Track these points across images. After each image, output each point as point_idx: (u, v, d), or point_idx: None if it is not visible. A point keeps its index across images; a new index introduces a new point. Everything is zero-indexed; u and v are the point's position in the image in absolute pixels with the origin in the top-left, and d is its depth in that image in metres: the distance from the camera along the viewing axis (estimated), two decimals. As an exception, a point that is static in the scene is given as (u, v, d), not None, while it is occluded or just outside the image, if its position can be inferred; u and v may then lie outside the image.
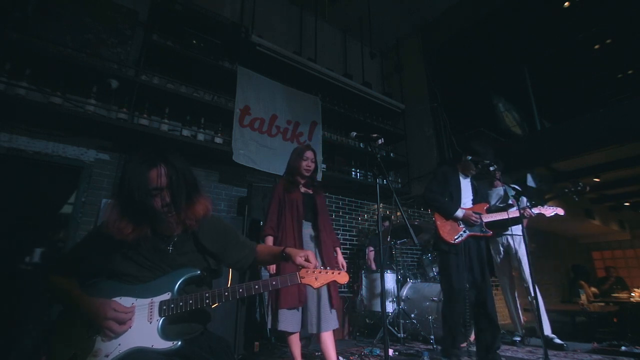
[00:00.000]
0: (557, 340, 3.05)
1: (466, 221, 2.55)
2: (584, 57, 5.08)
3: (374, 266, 4.03)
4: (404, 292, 3.78)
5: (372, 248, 4.16)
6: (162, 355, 1.03)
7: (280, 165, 3.56)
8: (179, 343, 1.06)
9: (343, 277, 1.26)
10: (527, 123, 5.41)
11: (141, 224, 1.10)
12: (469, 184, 2.78)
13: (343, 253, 4.61)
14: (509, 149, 4.36)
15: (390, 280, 3.79)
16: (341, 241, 4.68)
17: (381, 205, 2.61)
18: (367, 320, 4.00)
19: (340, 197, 4.86)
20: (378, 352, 3.01)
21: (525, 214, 2.58)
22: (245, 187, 3.74)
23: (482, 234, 2.58)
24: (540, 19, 4.88)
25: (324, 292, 2.16)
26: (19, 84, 2.71)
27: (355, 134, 2.04)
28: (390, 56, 6.22)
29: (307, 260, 1.23)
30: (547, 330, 3.12)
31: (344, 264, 2.35)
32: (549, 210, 2.58)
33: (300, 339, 2.23)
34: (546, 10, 4.83)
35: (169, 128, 3.36)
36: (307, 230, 2.31)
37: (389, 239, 4.09)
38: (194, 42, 3.74)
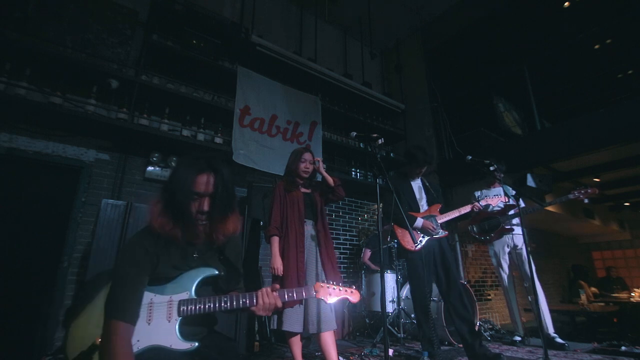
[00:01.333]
0: (559, 340, 3.04)
1: (424, 231, 2.66)
2: (584, 57, 5.09)
3: (372, 266, 4.03)
4: (404, 292, 3.78)
5: (368, 249, 4.15)
6: (180, 355, 1.03)
7: (280, 165, 3.56)
8: (196, 345, 1.06)
9: (355, 296, 1.29)
10: (527, 123, 5.41)
11: (177, 225, 1.10)
12: (421, 185, 2.89)
13: (343, 253, 4.65)
14: (509, 149, 4.36)
15: (390, 280, 3.79)
16: (341, 241, 4.68)
17: (381, 205, 2.62)
18: (367, 320, 4.00)
19: (340, 197, 4.86)
20: (378, 352, 3.01)
21: (475, 208, 2.77)
22: (245, 187, 3.74)
23: (439, 236, 2.68)
24: (540, 19, 4.88)
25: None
26: (19, 84, 2.71)
27: (355, 134, 2.04)
28: (390, 56, 6.22)
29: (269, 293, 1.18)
30: (550, 329, 3.10)
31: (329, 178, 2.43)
32: (495, 200, 2.85)
33: (301, 339, 2.23)
34: (546, 10, 4.83)
35: (169, 128, 3.36)
36: (308, 229, 2.32)
37: (389, 239, 4.09)
38: (194, 42, 3.73)
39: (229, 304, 1.10)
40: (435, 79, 5.47)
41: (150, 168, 3.34)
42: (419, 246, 2.62)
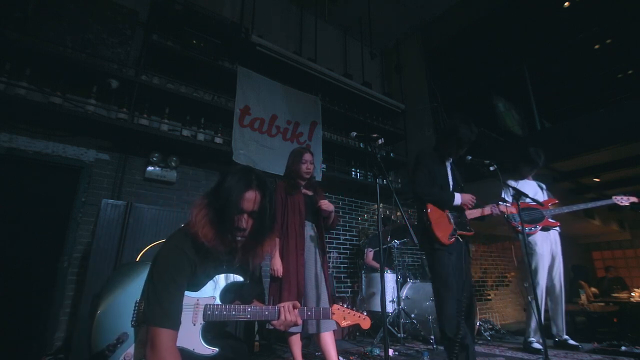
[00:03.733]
0: (571, 342, 3.02)
1: (464, 205, 2.29)
2: (584, 57, 5.09)
3: (374, 265, 4.02)
4: (404, 292, 3.78)
5: (370, 249, 4.15)
6: (200, 357, 1.03)
7: (280, 165, 3.56)
8: (217, 350, 1.06)
9: (366, 323, 1.34)
10: (527, 123, 5.41)
11: (219, 237, 1.10)
12: (450, 170, 2.43)
13: (343, 253, 4.65)
14: (509, 149, 4.36)
15: (390, 280, 3.79)
16: (341, 241, 4.68)
17: (381, 205, 2.56)
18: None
19: (340, 197, 4.86)
20: (378, 352, 3.01)
21: (493, 213, 2.49)
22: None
23: (468, 233, 2.37)
24: (540, 19, 4.88)
25: (323, 293, 2.17)
26: (19, 84, 2.71)
27: (355, 134, 2.03)
28: (390, 56, 6.22)
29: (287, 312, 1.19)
30: (563, 331, 3.05)
31: (329, 205, 2.34)
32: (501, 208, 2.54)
33: (301, 339, 2.23)
34: (546, 10, 4.83)
35: (169, 128, 3.36)
36: (308, 230, 2.32)
37: (389, 239, 4.09)
38: (194, 42, 3.73)
39: (250, 315, 1.11)
40: (435, 79, 5.46)
41: (150, 168, 3.34)
42: (452, 238, 2.21)
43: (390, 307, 3.69)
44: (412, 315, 3.55)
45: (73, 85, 3.05)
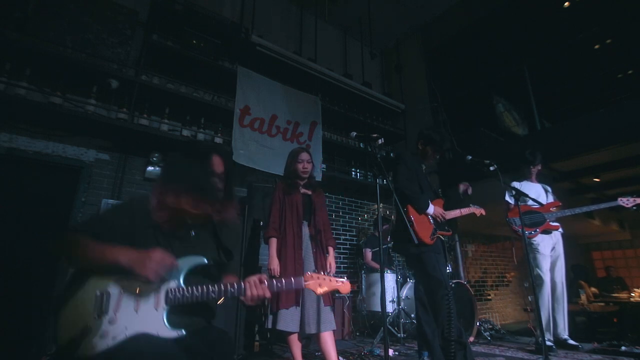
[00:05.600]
0: (571, 342, 3.03)
1: (434, 218, 2.33)
2: (583, 57, 5.09)
3: (374, 265, 4.03)
4: (404, 292, 3.78)
5: (369, 249, 4.15)
6: (166, 343, 1.03)
7: (280, 165, 3.55)
8: (183, 332, 1.07)
9: (345, 287, 1.27)
10: (527, 123, 5.41)
11: (200, 204, 1.17)
12: (426, 175, 2.52)
13: (343, 253, 4.65)
14: (509, 149, 4.36)
15: (390, 280, 3.79)
16: (341, 241, 4.67)
17: (381, 205, 2.56)
18: (367, 320, 4.01)
19: (340, 197, 4.86)
20: (378, 352, 3.01)
21: (477, 213, 2.58)
22: (245, 187, 3.74)
23: (447, 233, 2.42)
24: (540, 19, 4.88)
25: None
26: (19, 84, 2.71)
27: (355, 134, 2.03)
28: (390, 56, 6.22)
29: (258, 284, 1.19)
30: (565, 331, 3.04)
31: (333, 265, 2.32)
32: (477, 210, 2.61)
33: (301, 339, 2.23)
34: (546, 10, 4.83)
35: (169, 128, 3.36)
36: (306, 230, 2.32)
37: (389, 239, 4.09)
38: (194, 42, 3.73)
39: (215, 295, 1.11)
40: (435, 79, 5.47)
41: (150, 168, 3.34)
42: (433, 239, 2.27)
43: (390, 307, 3.69)
44: (412, 315, 3.55)
45: (73, 85, 3.05)
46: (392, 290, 3.76)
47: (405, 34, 5.93)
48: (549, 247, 3.13)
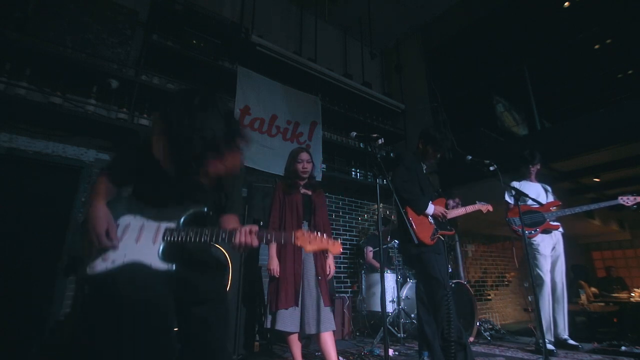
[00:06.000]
0: (571, 342, 3.03)
1: (435, 218, 2.34)
2: (583, 57, 5.09)
3: (375, 263, 4.02)
4: (404, 292, 3.78)
5: (370, 248, 4.16)
6: (157, 273, 1.14)
7: (280, 165, 3.55)
8: (173, 267, 1.16)
9: (336, 247, 1.25)
10: (527, 123, 5.41)
11: (202, 154, 1.18)
12: (426, 175, 2.52)
13: (343, 253, 4.64)
14: (509, 149, 4.36)
15: (390, 280, 3.79)
16: (341, 241, 4.66)
17: (381, 205, 2.56)
18: (367, 320, 4.01)
19: (340, 197, 4.86)
20: (378, 352, 3.01)
21: (483, 210, 2.54)
22: (245, 187, 3.74)
23: (449, 232, 2.41)
24: (540, 19, 4.88)
25: (322, 293, 2.17)
26: (19, 84, 2.71)
27: (355, 134, 2.03)
28: (390, 56, 6.22)
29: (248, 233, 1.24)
30: (565, 332, 3.05)
31: (333, 267, 2.33)
32: (484, 207, 2.57)
33: (301, 339, 2.23)
34: (546, 10, 4.83)
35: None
36: (305, 230, 2.32)
37: (389, 239, 4.09)
38: (194, 42, 3.73)
39: (209, 238, 1.20)
40: (435, 79, 5.47)
41: (150, 168, 3.33)
42: (434, 239, 2.27)
43: (390, 307, 3.69)
44: (412, 315, 3.55)
45: (73, 85, 3.04)
46: (392, 290, 3.76)
47: (405, 34, 5.93)
48: (549, 247, 3.13)
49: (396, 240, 3.86)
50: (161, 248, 1.18)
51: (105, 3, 3.38)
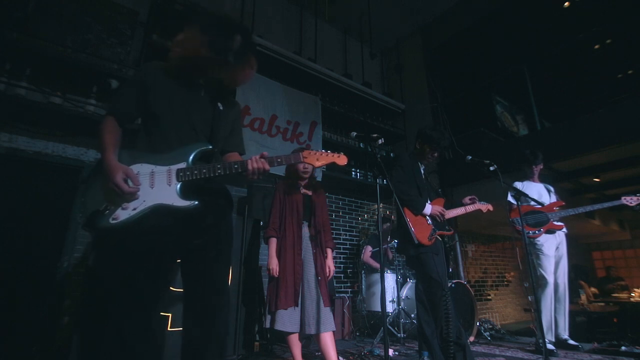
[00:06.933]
0: (571, 342, 3.03)
1: (433, 218, 2.35)
2: (583, 57, 5.09)
3: (372, 263, 4.02)
4: (404, 292, 3.78)
5: (370, 248, 4.15)
6: (180, 211, 1.20)
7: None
8: (196, 202, 1.21)
9: (342, 159, 1.36)
10: (527, 123, 5.41)
11: (216, 58, 1.27)
12: (424, 175, 2.54)
13: (343, 253, 4.64)
14: (509, 149, 4.36)
15: (390, 280, 3.79)
16: (341, 241, 4.67)
17: (381, 205, 2.56)
18: (367, 320, 4.01)
19: (340, 197, 4.86)
20: (378, 352, 3.01)
21: (483, 209, 2.53)
22: (245, 187, 3.74)
23: (448, 232, 2.43)
24: (540, 19, 4.89)
25: (321, 293, 2.17)
26: (19, 84, 2.71)
27: (355, 134, 2.04)
28: (390, 56, 6.22)
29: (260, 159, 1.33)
30: (565, 331, 3.05)
31: (332, 267, 2.33)
32: (484, 206, 2.56)
33: (301, 339, 2.23)
34: (546, 10, 4.83)
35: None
36: (306, 230, 2.32)
37: (389, 239, 4.09)
38: (194, 42, 3.73)
39: (221, 171, 1.24)
40: (435, 79, 5.47)
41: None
42: (432, 239, 2.29)
43: (390, 307, 3.69)
44: (412, 315, 3.55)
45: (73, 85, 3.04)
46: (392, 290, 3.76)
47: (405, 33, 5.92)
48: (553, 247, 3.12)
49: (396, 240, 3.86)
50: (178, 187, 1.21)
51: (105, 3, 3.38)
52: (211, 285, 1.26)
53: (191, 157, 1.26)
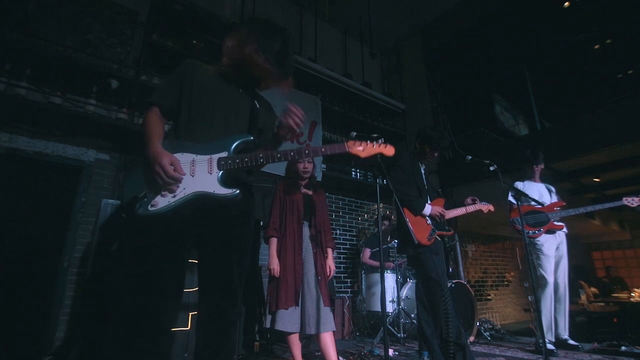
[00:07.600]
0: (571, 342, 3.02)
1: (432, 218, 2.35)
2: (583, 57, 5.09)
3: (371, 263, 4.01)
4: (404, 292, 3.78)
5: (369, 250, 4.15)
6: (222, 200, 1.21)
7: (280, 165, 3.56)
8: (237, 192, 1.21)
9: (389, 150, 1.35)
10: (527, 123, 5.41)
11: (266, 64, 1.32)
12: (424, 175, 2.52)
13: (343, 253, 4.64)
14: (509, 149, 4.36)
15: (390, 280, 3.79)
16: (341, 241, 4.67)
17: (381, 205, 2.55)
18: (367, 320, 4.01)
19: (340, 197, 4.86)
20: (378, 352, 3.01)
21: (484, 210, 2.54)
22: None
23: (447, 232, 2.43)
24: (540, 19, 4.89)
25: (322, 293, 2.17)
26: (19, 84, 2.71)
27: (355, 134, 2.02)
28: (390, 56, 6.22)
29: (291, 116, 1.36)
30: (565, 331, 3.04)
31: (332, 267, 2.33)
32: (485, 207, 2.57)
33: (301, 339, 2.23)
34: (546, 10, 4.83)
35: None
36: (306, 230, 2.32)
37: (389, 239, 4.09)
38: (194, 42, 3.73)
39: (263, 160, 1.26)
40: (435, 79, 5.47)
41: (150, 168, 3.33)
42: (431, 239, 2.29)
43: (390, 307, 3.69)
44: (412, 315, 3.55)
45: (73, 85, 3.04)
46: (392, 290, 3.76)
47: (405, 33, 5.92)
48: (553, 248, 3.12)
49: (396, 240, 3.86)
50: (219, 175, 1.22)
51: (105, 3, 3.38)
52: (228, 295, 1.26)
53: (232, 147, 1.28)
